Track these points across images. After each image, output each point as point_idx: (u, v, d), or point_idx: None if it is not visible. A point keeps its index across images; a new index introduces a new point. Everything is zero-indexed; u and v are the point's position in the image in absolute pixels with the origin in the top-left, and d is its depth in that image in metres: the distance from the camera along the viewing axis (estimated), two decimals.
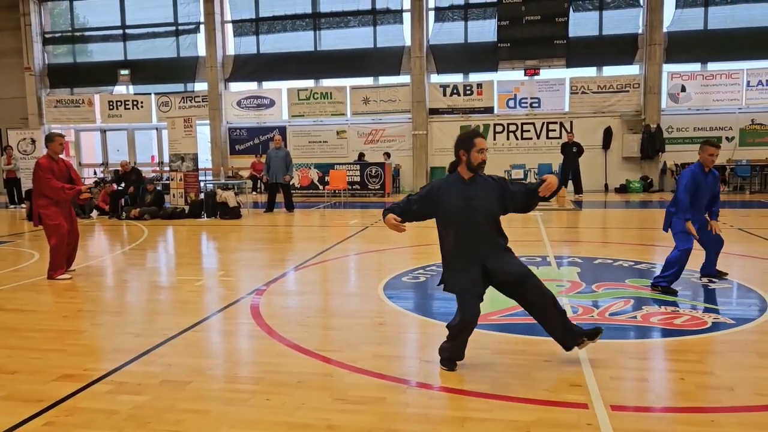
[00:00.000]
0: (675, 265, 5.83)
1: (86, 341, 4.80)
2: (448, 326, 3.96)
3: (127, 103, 22.20)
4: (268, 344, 4.59)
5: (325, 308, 5.75)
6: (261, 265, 7.96)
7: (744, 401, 3.42)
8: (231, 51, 21.47)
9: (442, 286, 4.00)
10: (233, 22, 21.28)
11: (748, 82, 18.09)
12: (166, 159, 19.75)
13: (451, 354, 3.96)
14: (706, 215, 6.12)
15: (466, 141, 3.84)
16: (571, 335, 3.94)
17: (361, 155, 19.53)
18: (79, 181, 7.52)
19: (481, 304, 3.86)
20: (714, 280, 6.33)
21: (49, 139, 7.24)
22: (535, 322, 3.99)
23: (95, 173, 21.23)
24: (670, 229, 6.11)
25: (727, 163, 17.82)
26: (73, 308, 5.85)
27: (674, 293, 5.76)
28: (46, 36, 22.65)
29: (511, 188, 3.93)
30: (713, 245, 6.29)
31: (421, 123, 19.85)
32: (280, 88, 21.13)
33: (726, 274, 6.45)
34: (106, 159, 22.92)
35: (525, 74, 19.35)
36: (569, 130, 18.30)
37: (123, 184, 14.64)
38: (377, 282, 6.57)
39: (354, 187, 18.28)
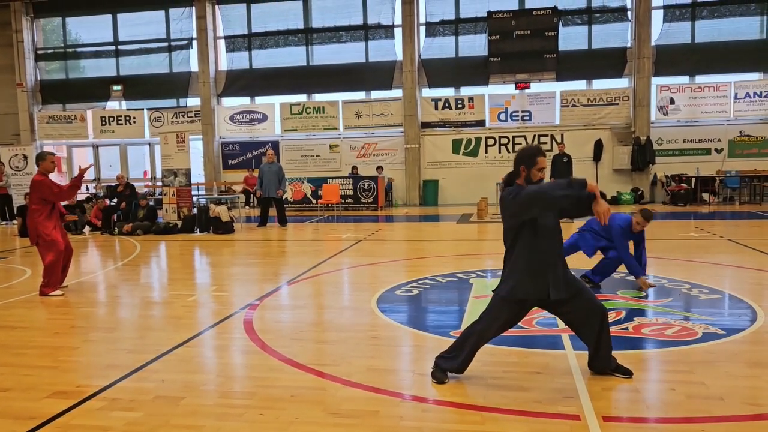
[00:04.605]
0: (611, 266, 6.59)
1: (79, 358, 4.78)
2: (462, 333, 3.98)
3: (119, 118, 22.23)
4: (262, 359, 4.59)
5: (318, 322, 5.75)
6: (254, 280, 7.96)
7: (734, 411, 3.46)
8: (223, 66, 21.58)
9: (502, 291, 3.86)
10: (226, 37, 21.40)
11: (736, 95, 18.33)
12: (158, 174, 19.74)
13: (452, 365, 3.95)
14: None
15: (530, 158, 3.76)
16: (606, 363, 3.98)
17: (354, 169, 19.60)
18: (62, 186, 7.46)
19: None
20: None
21: (41, 157, 7.23)
22: (530, 333, 4.00)
23: (87, 189, 21.18)
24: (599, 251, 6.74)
25: (716, 175, 17.99)
26: (66, 324, 5.83)
27: (598, 288, 6.53)
28: (39, 52, 22.69)
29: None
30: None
31: (414, 136, 19.96)
32: (272, 103, 21.23)
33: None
34: (98, 175, 22.88)
35: (516, 88, 19.55)
36: (560, 142, 18.44)
37: (115, 200, 14.61)
38: (370, 295, 6.59)
39: (347, 200, 18.33)
